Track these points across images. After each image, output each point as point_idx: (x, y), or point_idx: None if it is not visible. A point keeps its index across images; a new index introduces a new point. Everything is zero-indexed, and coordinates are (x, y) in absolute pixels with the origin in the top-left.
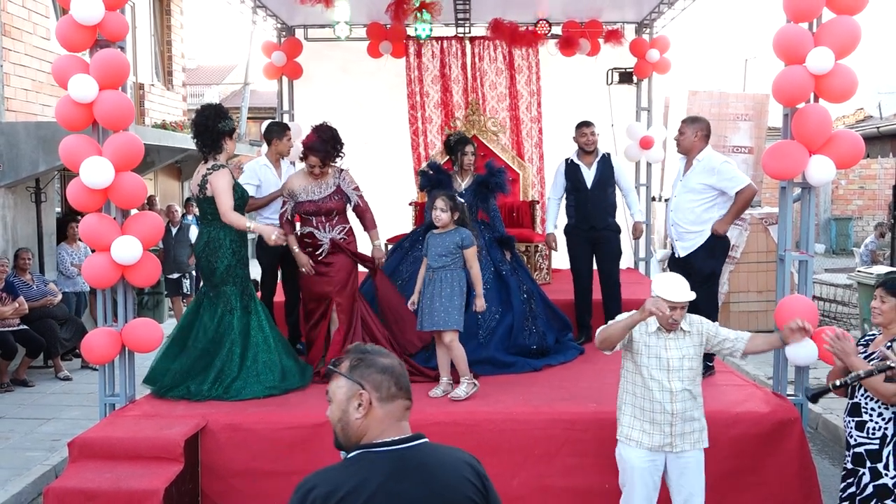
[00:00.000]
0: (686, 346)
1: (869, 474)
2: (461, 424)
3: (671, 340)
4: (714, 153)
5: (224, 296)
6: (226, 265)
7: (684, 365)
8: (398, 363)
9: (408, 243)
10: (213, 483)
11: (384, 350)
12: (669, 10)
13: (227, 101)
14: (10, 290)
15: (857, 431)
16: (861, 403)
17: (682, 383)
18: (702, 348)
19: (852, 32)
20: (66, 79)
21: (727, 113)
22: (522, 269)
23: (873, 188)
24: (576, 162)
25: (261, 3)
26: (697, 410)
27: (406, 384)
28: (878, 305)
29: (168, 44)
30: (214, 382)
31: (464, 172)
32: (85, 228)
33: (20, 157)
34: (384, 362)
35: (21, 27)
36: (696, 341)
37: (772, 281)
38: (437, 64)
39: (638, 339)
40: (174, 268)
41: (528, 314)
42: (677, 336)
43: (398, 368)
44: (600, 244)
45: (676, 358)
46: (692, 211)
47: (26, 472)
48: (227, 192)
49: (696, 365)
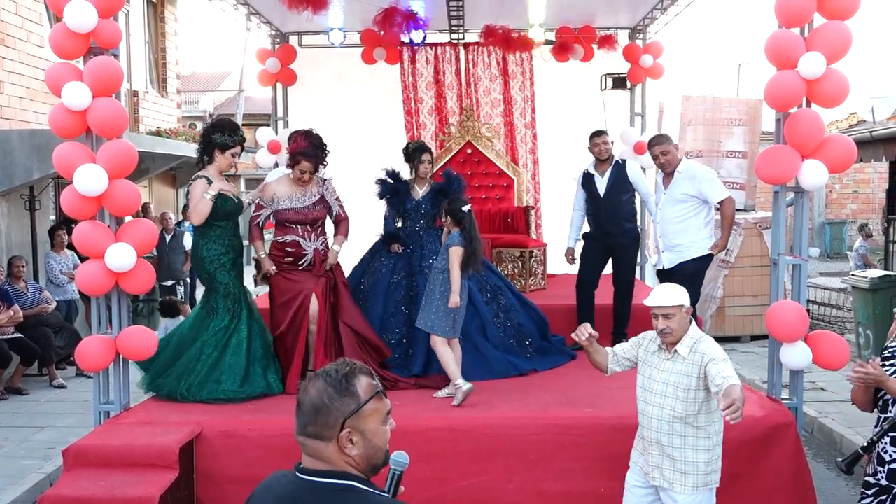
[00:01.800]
0: (674, 373)
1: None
2: (457, 430)
3: (667, 362)
4: (691, 162)
5: (212, 300)
6: (206, 271)
7: (667, 391)
8: (305, 393)
9: (369, 255)
10: (208, 490)
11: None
12: (663, 15)
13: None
14: (4, 298)
15: (893, 447)
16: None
17: (660, 410)
18: (697, 380)
19: (844, 37)
20: (59, 86)
21: (721, 118)
22: (488, 268)
23: (867, 192)
24: (591, 172)
25: (255, 11)
26: (688, 450)
27: (297, 417)
28: None
29: (162, 51)
30: (179, 379)
31: (420, 181)
32: (79, 236)
33: (14, 165)
34: (302, 384)
35: (14, 35)
36: (688, 370)
37: (766, 285)
38: (432, 70)
39: (641, 357)
40: (168, 275)
41: (497, 309)
42: (673, 359)
43: (299, 396)
44: (616, 251)
45: (660, 382)
46: (677, 222)
47: (21, 481)
48: (197, 201)
49: (682, 394)
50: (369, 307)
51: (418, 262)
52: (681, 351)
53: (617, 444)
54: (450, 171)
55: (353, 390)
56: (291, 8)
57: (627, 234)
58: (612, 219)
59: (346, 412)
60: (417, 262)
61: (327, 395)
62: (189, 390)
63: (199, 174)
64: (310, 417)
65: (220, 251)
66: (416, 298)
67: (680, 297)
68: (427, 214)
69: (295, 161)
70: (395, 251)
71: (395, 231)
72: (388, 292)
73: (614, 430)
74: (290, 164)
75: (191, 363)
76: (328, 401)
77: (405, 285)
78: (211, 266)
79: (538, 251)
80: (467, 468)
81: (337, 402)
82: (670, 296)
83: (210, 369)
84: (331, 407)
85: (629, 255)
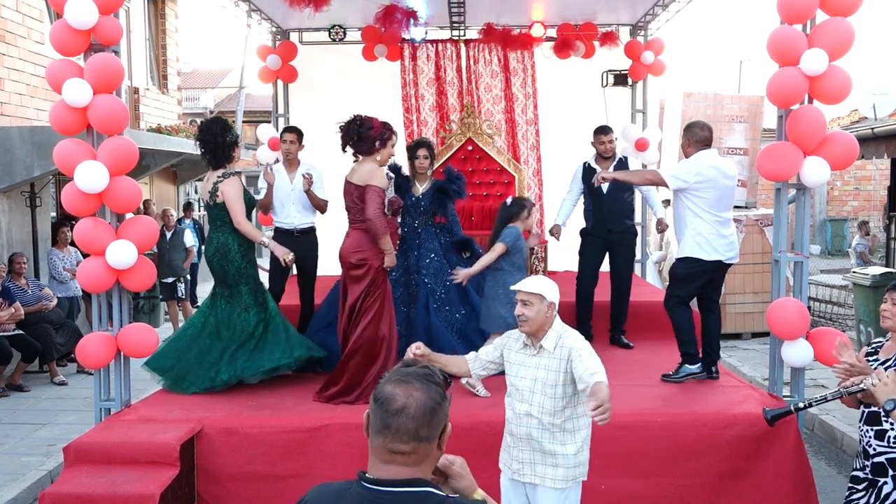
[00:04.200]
0: (541, 368)
1: (892, 483)
2: (457, 426)
3: (533, 358)
4: (697, 156)
5: (239, 295)
6: (236, 267)
7: (535, 387)
8: (410, 398)
9: None
10: (208, 487)
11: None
12: (664, 12)
13: (222, 105)
14: (5, 295)
15: (877, 441)
16: (881, 412)
17: (528, 406)
18: (564, 374)
19: (846, 34)
20: (60, 83)
21: (722, 115)
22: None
23: (868, 189)
24: (593, 166)
25: (255, 7)
26: (557, 444)
27: (398, 425)
28: (888, 308)
29: (163, 48)
30: (229, 365)
31: (420, 177)
32: (80, 233)
33: (15, 162)
34: (387, 390)
35: (15, 31)
36: (555, 365)
37: (767, 282)
38: (433, 67)
39: (506, 357)
40: (169, 272)
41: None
42: (539, 354)
43: (397, 402)
44: (617, 247)
45: (528, 378)
46: (676, 215)
47: (22, 478)
48: (238, 201)
49: (550, 390)
50: None
51: (415, 262)
52: (546, 346)
53: (617, 440)
54: (451, 169)
55: (444, 388)
56: (293, 5)
57: (628, 231)
58: (614, 216)
59: (447, 409)
60: (414, 262)
61: (437, 395)
62: (245, 367)
63: (227, 171)
64: (423, 420)
65: (247, 246)
66: (415, 296)
67: (542, 288)
68: (426, 211)
69: (414, 151)
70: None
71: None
72: None
73: (615, 427)
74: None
75: (237, 351)
76: (440, 399)
77: (403, 283)
78: (243, 261)
79: (539, 248)
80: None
81: (442, 401)
82: (533, 284)
83: (269, 345)
84: (441, 405)
85: (629, 251)
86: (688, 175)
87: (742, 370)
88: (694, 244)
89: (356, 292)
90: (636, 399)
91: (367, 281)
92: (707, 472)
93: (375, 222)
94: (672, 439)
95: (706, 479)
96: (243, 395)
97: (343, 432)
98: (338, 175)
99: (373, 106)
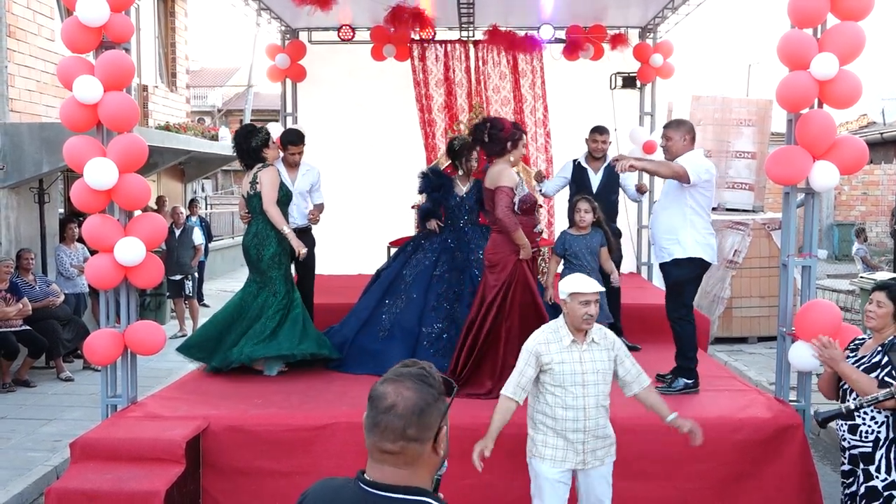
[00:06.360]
0: (599, 360)
1: (862, 476)
2: (459, 427)
3: (585, 353)
4: (695, 154)
5: (270, 281)
6: (272, 253)
7: (598, 380)
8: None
9: (410, 248)
10: (214, 484)
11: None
12: (673, 14)
13: (231, 104)
14: (13, 291)
15: (850, 435)
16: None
17: (596, 399)
18: (612, 363)
19: (857, 38)
20: (70, 80)
21: (730, 118)
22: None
23: (876, 194)
24: (583, 165)
25: (265, 6)
26: (609, 426)
27: (386, 423)
28: (873, 309)
29: (172, 46)
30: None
31: (463, 177)
32: (88, 229)
33: (24, 158)
34: (379, 388)
35: (26, 28)
36: (606, 356)
37: (774, 286)
38: (441, 67)
39: (549, 360)
40: (177, 269)
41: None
42: (591, 348)
43: (387, 400)
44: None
45: (591, 372)
46: (664, 216)
47: (27, 473)
48: (271, 186)
49: (608, 379)
50: (410, 299)
51: (465, 258)
52: (596, 339)
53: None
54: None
55: (441, 388)
56: (299, 4)
57: (614, 233)
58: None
59: (442, 411)
60: (464, 258)
61: (430, 395)
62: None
63: (266, 163)
64: (411, 419)
65: (279, 237)
66: (461, 295)
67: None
68: (472, 210)
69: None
70: (434, 229)
71: (431, 207)
72: (430, 285)
73: (620, 430)
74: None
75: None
76: (432, 400)
77: (447, 279)
78: (279, 248)
79: (546, 250)
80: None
81: (435, 402)
82: (597, 283)
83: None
84: (433, 406)
85: (615, 252)
86: (702, 172)
87: (748, 374)
88: (695, 244)
89: (493, 289)
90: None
91: (504, 275)
92: (712, 476)
93: (505, 221)
94: (677, 443)
95: (711, 482)
96: (249, 392)
97: (348, 431)
98: (340, 173)
99: (381, 106)
